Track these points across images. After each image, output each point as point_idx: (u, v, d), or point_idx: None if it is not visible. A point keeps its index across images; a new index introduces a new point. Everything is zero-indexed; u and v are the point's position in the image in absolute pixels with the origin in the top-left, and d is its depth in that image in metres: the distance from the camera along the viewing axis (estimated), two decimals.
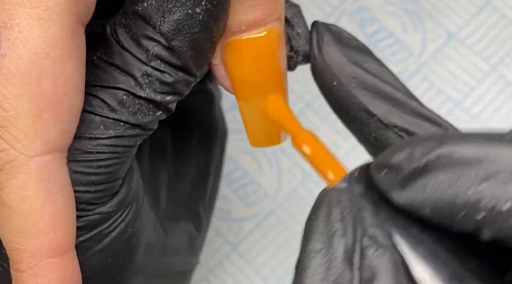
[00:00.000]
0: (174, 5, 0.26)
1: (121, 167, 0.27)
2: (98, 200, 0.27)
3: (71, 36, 0.25)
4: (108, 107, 0.26)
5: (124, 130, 0.27)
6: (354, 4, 0.48)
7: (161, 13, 0.26)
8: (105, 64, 0.27)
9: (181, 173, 0.36)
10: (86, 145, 0.26)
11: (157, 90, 0.26)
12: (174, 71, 0.26)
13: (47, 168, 0.25)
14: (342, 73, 0.28)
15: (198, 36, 0.26)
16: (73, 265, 0.27)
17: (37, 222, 0.25)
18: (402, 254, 0.23)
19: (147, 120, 0.27)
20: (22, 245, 0.25)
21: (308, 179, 0.46)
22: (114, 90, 0.26)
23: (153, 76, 0.26)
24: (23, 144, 0.25)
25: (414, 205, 0.23)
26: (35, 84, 0.24)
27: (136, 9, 0.26)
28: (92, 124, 0.26)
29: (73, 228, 0.26)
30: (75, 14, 0.25)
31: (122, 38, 0.26)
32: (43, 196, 0.25)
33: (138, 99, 0.26)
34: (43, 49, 0.24)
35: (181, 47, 0.26)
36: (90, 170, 0.26)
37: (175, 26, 0.26)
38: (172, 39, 0.26)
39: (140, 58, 0.26)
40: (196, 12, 0.26)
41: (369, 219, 0.24)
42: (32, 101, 0.24)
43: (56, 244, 0.26)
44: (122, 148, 0.27)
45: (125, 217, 0.28)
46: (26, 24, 0.24)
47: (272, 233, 0.45)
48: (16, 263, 0.26)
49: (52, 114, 0.25)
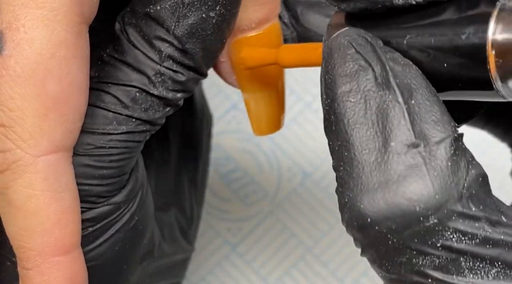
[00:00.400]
0: (189, 10, 0.26)
1: (130, 161, 0.28)
2: (109, 193, 0.28)
3: (76, 36, 0.25)
4: (121, 104, 0.27)
5: (135, 126, 0.27)
6: None
7: (176, 18, 0.26)
8: (116, 61, 0.27)
9: (167, 162, 0.36)
10: (99, 140, 0.27)
11: (169, 88, 0.27)
12: (186, 71, 0.27)
13: (53, 167, 0.26)
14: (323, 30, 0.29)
15: (210, 38, 0.27)
16: (79, 262, 0.27)
17: (43, 220, 0.26)
18: None
19: (158, 116, 0.28)
20: (29, 243, 0.26)
21: (308, 179, 0.46)
22: (127, 87, 0.27)
23: (166, 75, 0.27)
24: (29, 144, 0.25)
25: None
26: (40, 84, 0.25)
27: (148, 11, 0.27)
28: (105, 120, 0.27)
29: (78, 226, 0.27)
30: (80, 15, 0.25)
31: (133, 38, 0.27)
32: (49, 195, 0.26)
33: (151, 97, 0.27)
34: (48, 50, 0.25)
35: (194, 49, 0.27)
36: (102, 164, 0.27)
37: (189, 30, 0.27)
38: (186, 42, 0.27)
39: (153, 58, 0.27)
40: (210, 16, 0.26)
41: (382, 45, 0.24)
42: (38, 101, 0.25)
43: (62, 243, 0.26)
44: (133, 143, 0.27)
45: (131, 206, 0.29)
46: (32, 25, 0.24)
47: (271, 233, 0.45)
48: (22, 261, 0.26)
49: (58, 114, 0.25)
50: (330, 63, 0.24)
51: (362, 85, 0.24)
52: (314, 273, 0.44)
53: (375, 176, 0.23)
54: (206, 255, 0.44)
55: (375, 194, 0.23)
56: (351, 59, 0.24)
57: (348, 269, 0.44)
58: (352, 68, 0.24)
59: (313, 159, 0.46)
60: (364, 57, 0.24)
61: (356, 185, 0.23)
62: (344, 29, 0.25)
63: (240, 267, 0.44)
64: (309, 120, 0.47)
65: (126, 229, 0.29)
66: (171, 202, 0.36)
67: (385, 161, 0.23)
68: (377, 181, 0.23)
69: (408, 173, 0.22)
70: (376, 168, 0.23)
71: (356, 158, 0.23)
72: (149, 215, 0.31)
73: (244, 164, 0.46)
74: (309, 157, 0.46)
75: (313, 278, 0.44)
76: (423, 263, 0.23)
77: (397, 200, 0.22)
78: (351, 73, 0.24)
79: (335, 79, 0.24)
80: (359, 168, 0.23)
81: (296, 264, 0.44)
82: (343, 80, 0.24)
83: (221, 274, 0.44)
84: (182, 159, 0.37)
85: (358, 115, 0.23)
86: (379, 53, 0.24)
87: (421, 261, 0.23)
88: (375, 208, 0.23)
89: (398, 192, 0.22)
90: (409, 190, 0.22)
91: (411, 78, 0.24)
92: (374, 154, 0.23)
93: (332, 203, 0.45)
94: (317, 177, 0.46)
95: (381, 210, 0.23)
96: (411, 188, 0.22)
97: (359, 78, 0.24)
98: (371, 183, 0.23)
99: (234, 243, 0.45)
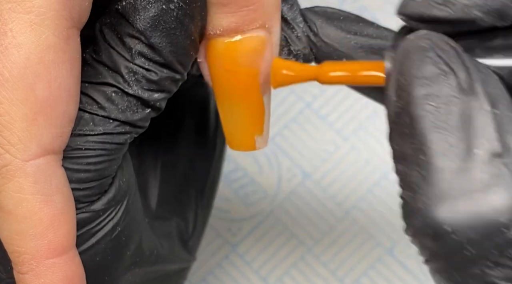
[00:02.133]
0: (148, 2, 0.26)
1: (110, 164, 0.27)
2: (87, 198, 0.27)
3: (65, 40, 0.25)
4: (97, 104, 0.27)
5: (113, 128, 0.27)
6: (354, 4, 0.48)
7: (137, 11, 0.26)
8: (93, 61, 0.27)
9: (174, 169, 0.36)
10: (76, 141, 0.27)
11: (144, 87, 0.27)
12: (159, 68, 0.27)
13: (43, 171, 0.25)
14: (347, 47, 0.29)
15: (175, 32, 0.26)
16: (75, 263, 0.27)
17: (35, 224, 0.26)
18: None
19: (137, 117, 0.27)
20: (22, 247, 0.26)
21: (308, 179, 0.46)
22: (102, 87, 0.27)
23: (139, 74, 0.27)
24: (18, 148, 0.25)
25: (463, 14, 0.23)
26: (29, 89, 0.25)
27: (117, 8, 0.27)
28: (81, 121, 0.27)
29: (73, 227, 0.27)
30: (69, 19, 0.25)
31: (108, 36, 0.27)
32: (40, 199, 0.25)
33: (127, 96, 0.27)
34: (36, 54, 0.24)
35: (160, 43, 0.26)
36: (79, 167, 0.27)
37: (151, 23, 0.26)
38: (150, 36, 0.26)
39: (125, 56, 0.27)
40: (170, 8, 0.26)
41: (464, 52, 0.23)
42: (27, 106, 0.25)
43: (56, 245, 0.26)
44: (112, 145, 0.27)
45: (115, 215, 0.28)
46: (19, 29, 0.24)
47: (272, 233, 0.45)
48: (18, 265, 0.26)
49: (46, 118, 0.25)
50: (406, 65, 0.23)
51: (444, 89, 0.23)
52: (314, 273, 0.44)
53: (456, 183, 0.22)
54: (206, 255, 0.44)
55: (457, 202, 0.22)
56: (432, 63, 0.23)
57: (348, 269, 0.44)
58: (433, 72, 0.23)
59: (313, 159, 0.46)
60: (447, 61, 0.23)
61: (434, 191, 0.22)
62: (424, 31, 0.24)
63: (240, 267, 0.44)
64: (309, 120, 0.47)
65: (108, 240, 0.28)
66: (174, 211, 0.35)
67: (469, 168, 0.22)
68: (459, 189, 0.22)
69: (492, 182, 0.22)
70: (458, 175, 0.22)
71: (435, 163, 0.22)
72: (136, 225, 0.30)
73: (244, 164, 0.46)
74: (309, 157, 0.46)
75: (313, 278, 0.44)
76: (497, 275, 0.22)
77: (481, 209, 0.22)
78: (431, 76, 0.23)
79: (412, 82, 0.23)
80: (439, 174, 0.22)
81: (296, 264, 0.44)
82: (422, 82, 0.23)
83: (221, 274, 0.44)
84: (192, 167, 0.37)
85: (439, 119, 0.22)
86: (464, 59, 0.23)
87: (496, 273, 0.22)
88: (456, 217, 0.22)
89: (483, 202, 0.21)
90: (494, 200, 0.21)
91: (494, 87, 0.23)
92: (456, 160, 0.22)
93: (332, 203, 0.45)
94: (317, 177, 0.46)
95: (462, 219, 0.22)
96: (496, 198, 0.21)
97: (441, 82, 0.23)
98: (452, 190, 0.22)
99: (234, 243, 0.45)
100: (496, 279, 0.22)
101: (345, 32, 0.29)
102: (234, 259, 0.44)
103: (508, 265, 0.22)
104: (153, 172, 0.35)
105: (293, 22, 0.30)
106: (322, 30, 0.29)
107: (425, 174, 0.22)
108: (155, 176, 0.35)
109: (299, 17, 0.30)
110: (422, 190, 0.22)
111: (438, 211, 0.22)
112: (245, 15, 0.27)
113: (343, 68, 0.27)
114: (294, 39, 0.30)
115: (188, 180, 0.36)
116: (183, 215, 0.36)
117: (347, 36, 0.29)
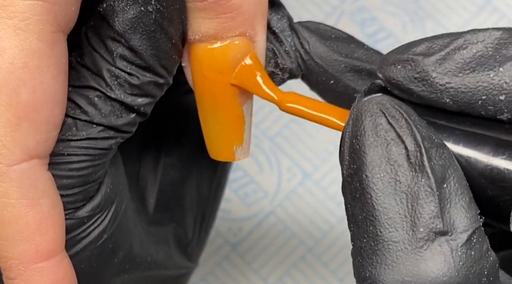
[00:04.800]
0: (127, 4, 0.26)
1: (95, 170, 0.27)
2: (71, 204, 0.27)
3: (49, 45, 0.25)
4: (80, 109, 0.26)
5: (97, 133, 0.26)
6: (354, 4, 0.48)
7: (116, 13, 0.26)
8: (78, 65, 0.27)
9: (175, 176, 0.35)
10: (58, 147, 0.26)
11: (127, 91, 0.27)
12: (141, 72, 0.27)
13: (28, 175, 0.25)
14: (336, 69, 0.29)
15: (155, 35, 0.26)
16: (64, 266, 0.27)
17: (22, 229, 0.25)
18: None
19: (121, 122, 0.27)
20: (9, 252, 0.26)
21: (308, 179, 0.46)
22: (85, 91, 0.26)
23: (121, 78, 0.26)
24: (2, 153, 0.25)
25: (434, 96, 0.24)
26: (13, 94, 0.24)
27: (99, 10, 0.26)
28: (64, 126, 0.26)
29: (61, 230, 0.26)
30: (54, 24, 0.25)
31: (92, 40, 0.26)
32: (26, 203, 0.25)
33: (110, 101, 0.26)
34: (20, 59, 0.24)
35: (140, 46, 0.26)
36: (62, 173, 0.26)
37: (130, 25, 0.26)
38: (130, 38, 0.26)
39: (107, 59, 0.26)
40: (148, 11, 0.26)
41: (417, 120, 0.23)
42: (10, 111, 0.24)
43: (43, 249, 0.26)
44: (96, 150, 0.27)
45: (101, 222, 0.28)
46: (3, 34, 0.24)
47: (272, 233, 0.45)
48: (6, 271, 0.26)
49: (31, 123, 0.25)
50: (359, 129, 0.23)
51: (394, 160, 0.23)
52: (314, 273, 0.44)
53: (401, 258, 0.23)
54: (207, 255, 0.44)
55: (400, 276, 0.22)
56: (383, 130, 0.23)
57: (348, 269, 0.44)
58: (384, 140, 0.23)
59: (313, 159, 0.46)
60: (397, 131, 0.23)
61: (380, 263, 0.23)
62: (377, 95, 0.24)
63: (240, 267, 0.44)
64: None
65: (94, 247, 0.28)
66: (172, 217, 0.35)
67: (413, 245, 0.23)
68: (403, 264, 0.23)
69: (435, 260, 0.22)
70: (403, 250, 0.23)
71: (382, 236, 0.23)
72: (125, 232, 0.30)
73: (244, 164, 0.46)
74: (309, 157, 0.46)
75: (313, 278, 0.44)
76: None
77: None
78: (382, 144, 0.23)
79: (363, 148, 0.23)
80: (385, 247, 0.23)
81: (297, 264, 0.44)
82: (373, 150, 0.23)
83: (222, 274, 0.44)
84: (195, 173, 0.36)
85: (387, 191, 0.23)
86: (414, 130, 0.23)
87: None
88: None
89: (425, 279, 0.22)
90: (436, 277, 0.22)
91: (445, 160, 0.23)
92: (401, 235, 0.23)
93: (332, 203, 0.45)
94: (317, 177, 0.46)
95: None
96: (438, 276, 0.22)
97: (391, 151, 0.23)
98: (397, 265, 0.23)
99: (234, 243, 0.45)
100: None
101: (336, 53, 0.29)
102: (234, 259, 0.45)
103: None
104: (153, 176, 0.35)
105: (281, 35, 0.29)
106: (314, 49, 0.29)
107: (373, 245, 0.23)
108: (154, 180, 0.35)
109: (288, 30, 0.29)
110: (370, 260, 0.23)
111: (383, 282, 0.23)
112: (223, 22, 0.27)
113: (307, 105, 0.27)
114: (283, 53, 0.29)
115: (189, 186, 0.36)
116: (181, 220, 0.35)
117: (338, 59, 0.29)
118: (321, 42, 0.29)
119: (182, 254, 0.35)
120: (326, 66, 0.29)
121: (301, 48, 0.29)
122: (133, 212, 0.31)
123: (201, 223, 0.36)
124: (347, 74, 0.28)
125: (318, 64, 0.29)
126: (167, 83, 0.28)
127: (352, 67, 0.28)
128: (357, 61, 0.29)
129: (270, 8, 0.29)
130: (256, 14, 0.27)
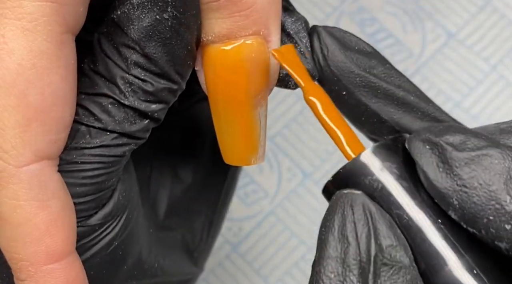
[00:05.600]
0: (142, 12, 0.26)
1: (108, 177, 0.27)
2: (84, 212, 0.27)
3: (58, 46, 0.25)
4: (94, 116, 0.26)
5: (111, 140, 0.26)
6: (353, 4, 0.48)
7: (131, 21, 0.26)
8: (90, 72, 0.27)
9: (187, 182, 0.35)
10: (71, 155, 0.26)
11: (140, 98, 0.26)
12: (156, 79, 0.26)
13: (37, 177, 0.25)
14: (351, 82, 0.28)
15: (171, 42, 0.26)
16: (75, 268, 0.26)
17: (32, 230, 0.25)
18: None
19: (134, 129, 0.27)
20: (20, 254, 0.25)
21: (308, 179, 0.46)
22: (98, 98, 0.26)
23: (135, 84, 0.26)
24: (11, 155, 0.25)
25: (446, 191, 0.24)
26: (21, 95, 0.24)
27: (113, 17, 0.26)
28: (77, 134, 0.26)
29: (72, 231, 0.26)
30: (62, 25, 0.25)
31: (105, 46, 0.26)
32: (36, 204, 0.25)
33: (123, 108, 0.26)
34: (29, 60, 0.24)
35: (156, 53, 0.26)
36: (75, 181, 0.26)
37: (145, 33, 0.26)
38: (145, 46, 0.26)
39: (121, 66, 0.26)
40: (164, 18, 0.26)
41: (384, 231, 0.24)
42: (19, 112, 0.24)
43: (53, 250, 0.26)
44: (109, 158, 0.26)
45: (112, 230, 0.28)
46: (12, 35, 0.24)
47: (272, 233, 0.45)
48: (16, 272, 0.26)
49: (40, 124, 0.25)
50: (329, 220, 0.24)
51: (347, 264, 0.23)
52: None
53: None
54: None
55: None
56: (346, 228, 0.24)
57: None
58: (345, 241, 0.24)
59: (313, 159, 0.46)
60: (357, 233, 0.24)
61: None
62: (357, 192, 0.25)
63: (241, 267, 0.44)
64: (309, 120, 0.47)
65: (104, 254, 0.28)
66: (181, 222, 0.35)
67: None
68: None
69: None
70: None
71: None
72: (135, 239, 0.30)
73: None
74: (309, 157, 0.46)
75: None
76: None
77: None
78: (342, 241, 0.24)
79: (326, 240, 0.24)
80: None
81: (297, 263, 0.44)
82: (332, 245, 0.24)
83: (222, 274, 0.44)
84: (206, 179, 0.36)
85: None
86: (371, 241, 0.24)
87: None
88: None
89: None
90: None
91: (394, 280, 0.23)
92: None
93: None
94: (317, 177, 0.46)
95: None
96: None
97: (346, 253, 0.23)
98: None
99: (234, 243, 0.45)
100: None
101: (354, 65, 0.28)
102: (235, 259, 0.45)
103: None
104: (165, 181, 0.34)
105: (296, 36, 0.29)
106: (333, 57, 0.28)
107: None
108: (166, 185, 0.34)
109: (303, 31, 0.29)
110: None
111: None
112: (237, 21, 0.27)
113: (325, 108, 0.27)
114: (298, 54, 0.28)
115: (200, 192, 0.36)
116: (190, 226, 0.35)
117: (355, 71, 0.28)
118: (341, 51, 0.28)
119: (189, 259, 0.35)
120: (341, 76, 0.28)
121: (320, 53, 0.28)
122: (143, 218, 0.31)
123: (209, 229, 0.36)
124: (361, 89, 0.28)
125: (334, 72, 0.28)
126: (180, 88, 0.27)
127: (367, 83, 0.28)
128: (374, 77, 0.28)
129: (284, 12, 0.29)
130: (270, 13, 0.27)
